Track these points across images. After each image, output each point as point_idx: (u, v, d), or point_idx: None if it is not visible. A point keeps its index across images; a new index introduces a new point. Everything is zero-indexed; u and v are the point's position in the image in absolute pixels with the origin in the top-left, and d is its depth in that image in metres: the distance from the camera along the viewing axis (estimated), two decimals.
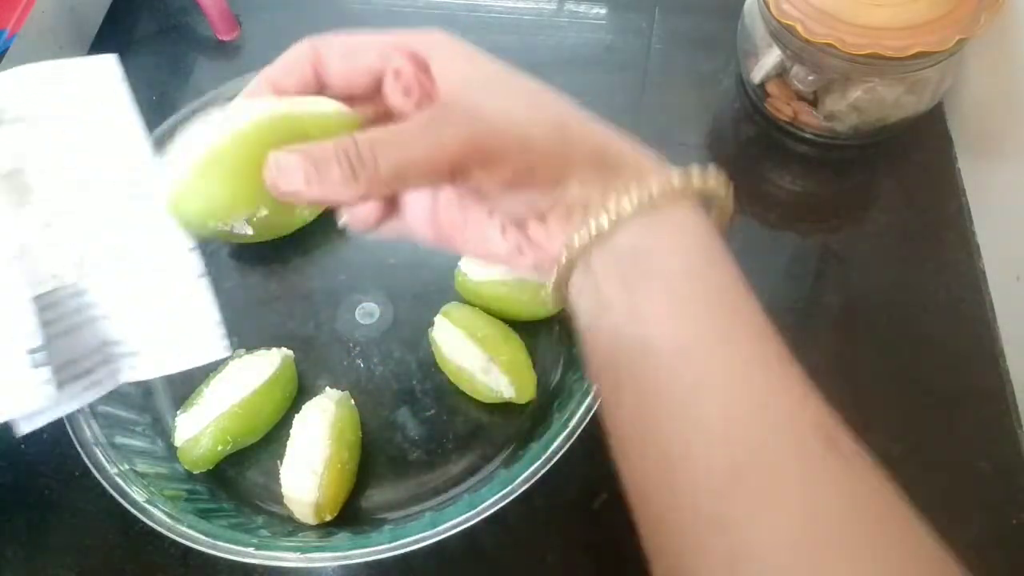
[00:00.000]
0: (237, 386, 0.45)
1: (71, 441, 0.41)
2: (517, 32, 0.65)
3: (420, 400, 0.48)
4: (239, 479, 0.46)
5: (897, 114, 0.55)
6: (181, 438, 0.44)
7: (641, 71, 0.63)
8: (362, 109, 0.29)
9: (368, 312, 0.51)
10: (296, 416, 0.45)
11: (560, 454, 0.40)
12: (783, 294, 0.53)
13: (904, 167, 0.58)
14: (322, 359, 0.50)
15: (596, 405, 0.41)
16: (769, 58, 0.56)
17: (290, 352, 0.48)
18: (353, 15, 0.68)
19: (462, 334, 0.46)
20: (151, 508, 0.39)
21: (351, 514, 0.44)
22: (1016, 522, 0.44)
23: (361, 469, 0.45)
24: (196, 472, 0.44)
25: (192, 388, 0.46)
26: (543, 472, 0.40)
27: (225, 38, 0.66)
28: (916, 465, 0.46)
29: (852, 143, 0.58)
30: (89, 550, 0.45)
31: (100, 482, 0.40)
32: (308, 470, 0.42)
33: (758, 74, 0.57)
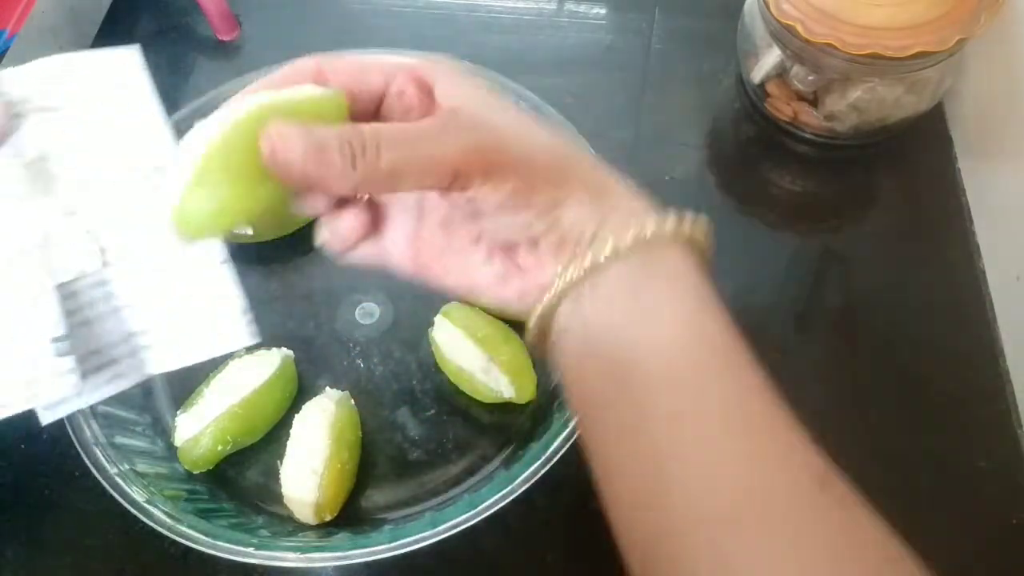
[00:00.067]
0: (237, 386, 0.45)
1: (71, 441, 0.41)
2: (517, 32, 0.65)
3: (420, 400, 0.48)
4: (239, 479, 0.46)
5: (897, 114, 0.55)
6: (181, 438, 0.44)
7: (641, 71, 0.63)
8: None
9: (368, 312, 0.51)
10: (296, 416, 0.45)
11: (560, 454, 0.40)
12: (783, 294, 0.52)
13: (904, 167, 0.58)
14: (322, 359, 0.50)
15: None
16: (769, 58, 0.56)
17: (290, 352, 0.48)
18: (353, 15, 0.67)
19: (462, 334, 0.46)
20: (151, 508, 0.39)
21: (351, 514, 0.44)
22: (1016, 522, 0.44)
23: (361, 469, 0.45)
24: (196, 472, 0.44)
25: (192, 388, 0.46)
26: (543, 472, 0.40)
27: (225, 38, 0.66)
28: (916, 465, 0.47)
29: (852, 143, 0.58)
30: (89, 550, 0.45)
31: (100, 482, 0.40)
32: (308, 470, 0.42)
33: (758, 74, 0.57)
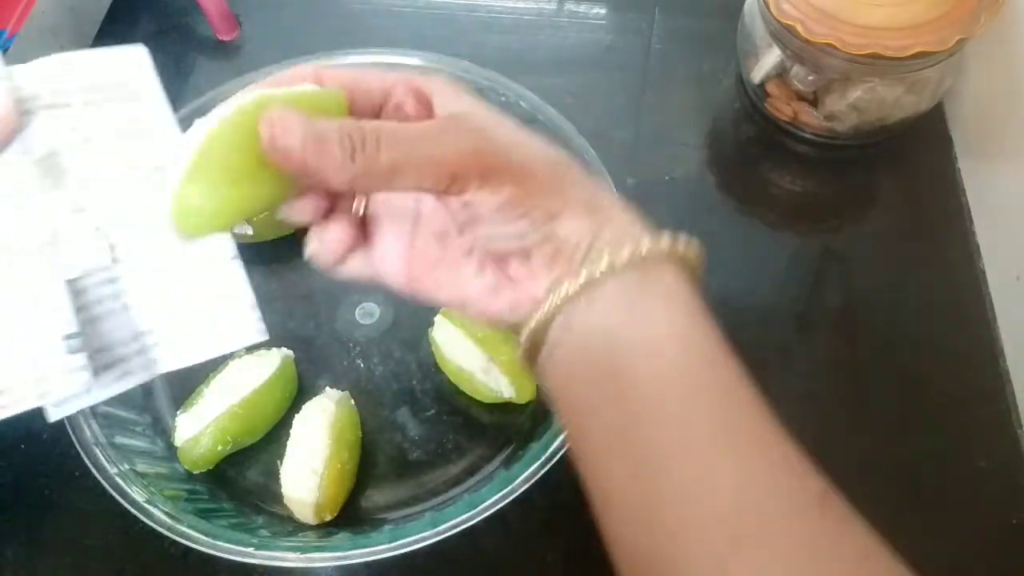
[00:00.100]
0: (237, 386, 0.45)
1: (71, 441, 0.41)
2: (517, 32, 0.65)
3: (420, 400, 0.48)
4: (239, 479, 0.46)
5: (897, 114, 0.55)
6: (181, 438, 0.44)
7: (641, 71, 0.63)
8: None
9: (368, 312, 0.51)
10: (296, 416, 0.45)
11: (560, 454, 0.40)
12: (783, 294, 0.52)
13: (904, 167, 0.58)
14: (322, 359, 0.50)
15: None
16: (769, 58, 0.56)
17: (290, 352, 0.48)
18: (353, 15, 0.67)
19: (462, 334, 0.46)
20: (151, 508, 0.39)
21: (351, 514, 0.44)
22: (1016, 522, 0.44)
23: (361, 469, 0.45)
24: (196, 472, 0.44)
25: (192, 388, 0.46)
26: (543, 472, 0.40)
27: (225, 38, 0.66)
28: (916, 465, 0.47)
29: (852, 143, 0.58)
30: (89, 550, 0.45)
31: (100, 482, 0.40)
32: (308, 470, 0.42)
33: (758, 74, 0.57)
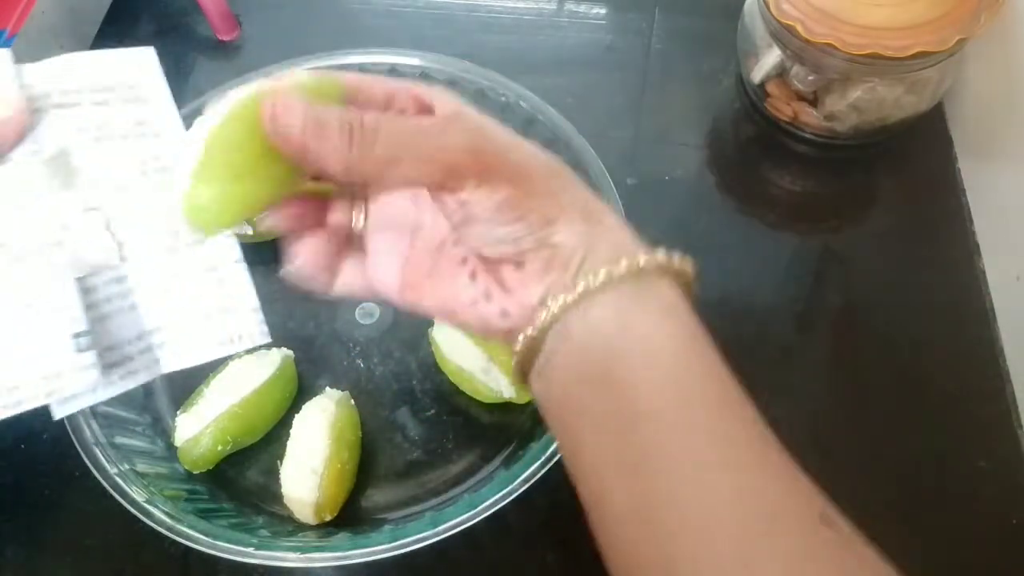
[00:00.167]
0: (237, 386, 0.45)
1: (71, 441, 0.41)
2: (517, 32, 0.65)
3: (420, 400, 0.48)
4: (239, 479, 0.46)
5: (897, 114, 0.55)
6: (181, 438, 0.44)
7: (641, 71, 0.63)
8: None
9: (368, 312, 0.51)
10: (296, 416, 0.45)
11: (560, 454, 0.40)
12: (783, 294, 0.52)
13: (904, 167, 0.58)
14: (322, 359, 0.50)
15: None
16: (769, 58, 0.56)
17: (290, 352, 0.48)
18: (353, 15, 0.67)
19: (462, 334, 0.46)
20: (151, 508, 0.39)
21: (351, 514, 0.44)
22: (1016, 522, 0.44)
23: (361, 469, 0.45)
24: (196, 472, 0.44)
25: (192, 388, 0.46)
26: (543, 472, 0.40)
27: (225, 38, 0.66)
28: (916, 465, 0.47)
29: (852, 143, 0.58)
30: (89, 550, 0.45)
31: (100, 482, 0.40)
32: (308, 470, 0.42)
33: (758, 74, 0.57)
